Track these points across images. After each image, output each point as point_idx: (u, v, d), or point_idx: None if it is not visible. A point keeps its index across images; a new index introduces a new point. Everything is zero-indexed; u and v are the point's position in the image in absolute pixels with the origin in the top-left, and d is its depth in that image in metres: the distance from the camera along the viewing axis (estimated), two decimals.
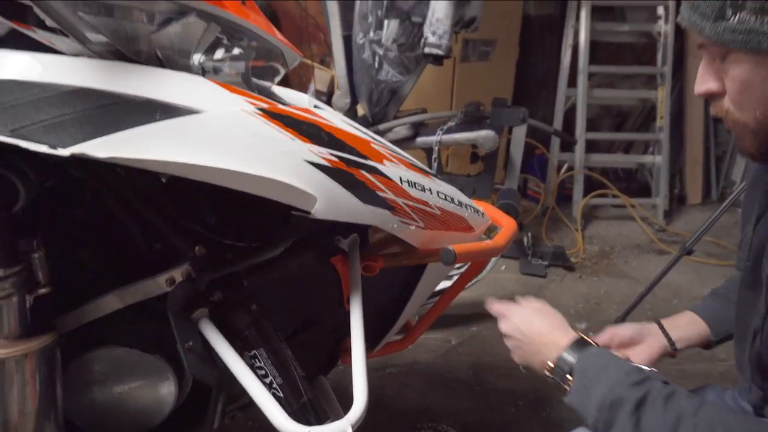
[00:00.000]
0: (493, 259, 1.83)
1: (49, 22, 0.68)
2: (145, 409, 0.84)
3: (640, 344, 0.94)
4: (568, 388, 0.75)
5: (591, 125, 3.14)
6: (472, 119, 2.26)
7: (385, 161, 0.90)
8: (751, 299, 0.78)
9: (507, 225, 1.20)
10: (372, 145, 0.90)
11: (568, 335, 0.79)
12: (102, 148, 0.61)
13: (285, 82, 3.74)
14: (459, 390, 1.66)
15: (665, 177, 3.00)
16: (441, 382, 1.69)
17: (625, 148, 3.38)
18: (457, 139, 2.15)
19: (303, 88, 3.33)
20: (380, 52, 2.03)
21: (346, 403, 0.75)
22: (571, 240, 2.73)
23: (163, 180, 0.78)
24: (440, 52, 1.87)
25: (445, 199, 1.01)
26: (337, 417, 0.72)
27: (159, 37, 0.75)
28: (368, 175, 0.84)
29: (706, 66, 0.68)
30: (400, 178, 0.90)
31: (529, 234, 2.40)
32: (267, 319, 0.85)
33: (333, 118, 0.88)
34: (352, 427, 0.70)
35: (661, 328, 0.95)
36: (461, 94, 2.90)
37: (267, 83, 1.03)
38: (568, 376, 0.75)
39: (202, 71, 0.83)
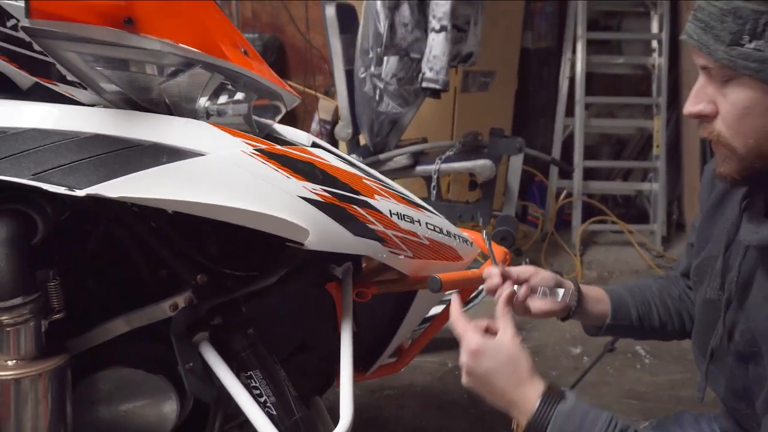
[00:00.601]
0: None
1: (69, 77, 0.76)
2: (149, 426, 0.90)
3: (551, 297, 0.90)
4: None
5: (590, 153, 3.20)
6: (470, 148, 2.34)
7: (376, 195, 0.96)
8: (713, 321, 0.81)
9: (496, 254, 1.26)
10: (364, 180, 0.97)
11: (534, 387, 0.73)
12: (114, 188, 0.68)
13: (291, 113, 3.85)
14: (454, 412, 1.69)
15: (662, 204, 3.04)
16: (437, 404, 1.73)
17: (624, 175, 3.43)
18: (456, 168, 2.22)
19: (308, 116, 3.43)
20: (380, 85, 2.12)
21: None
22: (570, 265, 2.77)
23: (170, 212, 0.86)
24: (437, 87, 1.95)
25: (434, 230, 1.07)
26: None
27: (168, 86, 0.83)
28: (359, 209, 0.91)
29: (701, 87, 0.68)
30: (390, 211, 0.97)
31: (527, 260, 2.46)
32: (263, 343, 0.91)
33: (327, 156, 0.95)
34: None
35: (579, 293, 0.91)
36: (462, 123, 2.98)
37: (269, 121, 1.10)
38: None
39: (207, 115, 0.91)
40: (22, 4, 0.68)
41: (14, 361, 0.73)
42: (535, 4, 3.07)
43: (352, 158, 1.08)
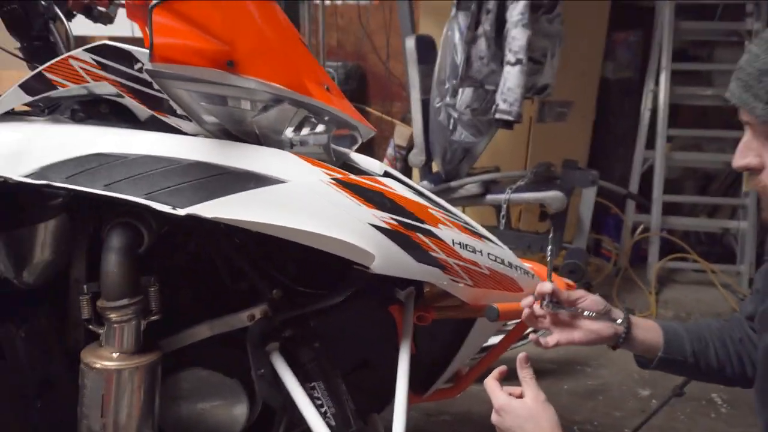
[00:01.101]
0: None
1: (178, 110, 0.88)
2: (221, 426, 0.99)
3: (599, 321, 0.91)
4: None
5: (673, 187, 3.07)
6: (542, 179, 2.34)
7: (439, 225, 1.02)
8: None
9: (559, 285, 1.27)
10: (429, 210, 1.03)
11: None
12: (209, 209, 0.79)
13: (370, 138, 3.97)
14: None
15: (751, 243, 2.86)
16: None
17: (710, 212, 3.26)
18: (526, 198, 2.23)
19: (385, 141, 3.55)
20: (455, 115, 2.18)
21: None
22: (644, 303, 2.67)
23: (253, 231, 0.96)
24: (510, 118, 1.98)
25: (495, 260, 1.11)
26: None
27: (259, 119, 0.94)
28: (423, 237, 0.97)
29: (748, 141, 0.72)
30: (453, 241, 1.02)
31: (598, 294, 2.40)
32: (327, 356, 0.99)
33: (396, 185, 1.02)
34: None
35: (628, 320, 0.92)
36: (537, 153, 2.97)
37: (346, 150, 1.19)
38: None
39: (291, 144, 1.01)
40: (146, 50, 0.80)
41: (117, 354, 0.85)
42: (618, 34, 3.02)
43: (421, 187, 1.15)
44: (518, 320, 1.32)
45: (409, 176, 3.20)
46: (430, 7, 2.96)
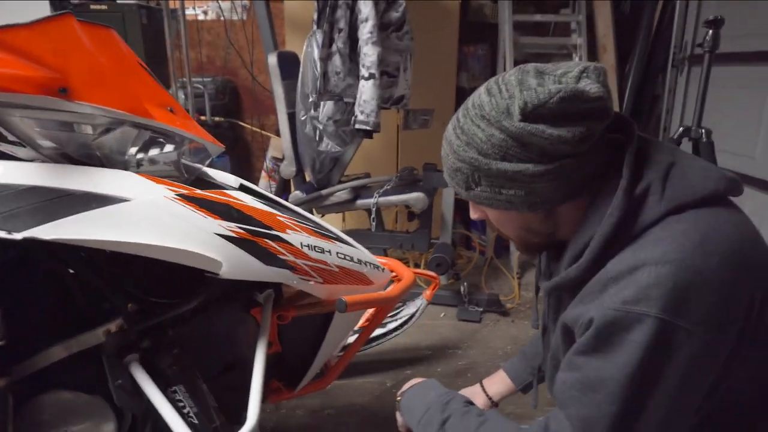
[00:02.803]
0: (422, 305, 2.03)
1: (10, 137, 0.90)
2: None
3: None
4: None
5: None
6: (407, 182, 2.52)
7: (288, 230, 1.12)
8: (543, 344, 1.04)
9: (406, 278, 1.42)
10: (278, 217, 1.12)
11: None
12: (47, 231, 0.82)
13: (246, 151, 3.99)
14: (391, 429, 1.82)
15: None
16: (374, 422, 1.85)
17: None
18: (392, 200, 2.39)
19: (262, 154, 3.59)
20: (320, 126, 2.30)
21: None
22: (509, 287, 2.95)
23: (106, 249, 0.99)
24: (369, 128, 2.14)
25: (344, 258, 1.23)
26: None
27: (100, 142, 0.98)
28: (271, 242, 1.06)
29: (473, 204, 0.91)
30: (301, 243, 1.12)
31: (465, 283, 2.62)
32: (191, 361, 1.04)
33: (245, 197, 1.10)
34: None
35: (482, 388, 1.21)
36: (405, 158, 3.18)
37: (198, 165, 1.25)
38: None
39: (138, 164, 1.06)
40: None
41: None
42: (468, 47, 3.33)
43: (278, 198, 1.24)
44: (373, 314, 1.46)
45: (287, 187, 3.27)
46: (294, 24, 3.07)
